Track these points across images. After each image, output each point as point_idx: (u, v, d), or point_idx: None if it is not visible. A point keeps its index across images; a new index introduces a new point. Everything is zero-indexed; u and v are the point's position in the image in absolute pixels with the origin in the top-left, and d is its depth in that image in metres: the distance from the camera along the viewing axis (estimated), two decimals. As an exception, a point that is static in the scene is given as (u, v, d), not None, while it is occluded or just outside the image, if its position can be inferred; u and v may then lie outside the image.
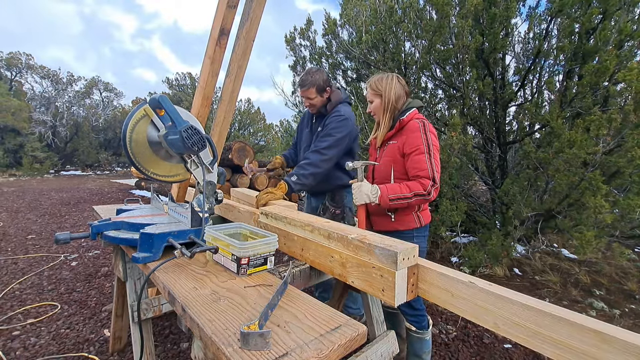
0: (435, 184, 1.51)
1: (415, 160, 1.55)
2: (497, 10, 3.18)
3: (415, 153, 1.55)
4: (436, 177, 1.52)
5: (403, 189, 1.53)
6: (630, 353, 0.64)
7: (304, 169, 1.91)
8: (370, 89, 1.73)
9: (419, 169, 1.53)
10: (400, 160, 1.63)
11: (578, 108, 2.99)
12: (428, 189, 1.50)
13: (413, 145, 1.56)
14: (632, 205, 2.45)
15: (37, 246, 4.01)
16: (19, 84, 17.76)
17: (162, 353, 2.00)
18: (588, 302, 2.76)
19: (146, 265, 1.18)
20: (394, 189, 1.54)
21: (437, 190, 1.53)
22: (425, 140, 1.55)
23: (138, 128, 1.35)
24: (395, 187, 1.55)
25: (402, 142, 1.62)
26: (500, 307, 0.83)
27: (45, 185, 10.22)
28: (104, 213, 1.89)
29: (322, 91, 2.04)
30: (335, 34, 4.55)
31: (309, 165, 1.91)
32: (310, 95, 2.03)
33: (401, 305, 1.69)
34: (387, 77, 1.69)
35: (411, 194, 1.51)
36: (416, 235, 1.67)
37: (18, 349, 1.99)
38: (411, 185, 1.53)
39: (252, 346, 0.68)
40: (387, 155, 1.69)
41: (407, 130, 1.61)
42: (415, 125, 1.59)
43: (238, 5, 1.65)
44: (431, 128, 1.60)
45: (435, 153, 1.56)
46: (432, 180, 1.51)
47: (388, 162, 1.67)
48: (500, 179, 3.82)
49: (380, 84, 1.69)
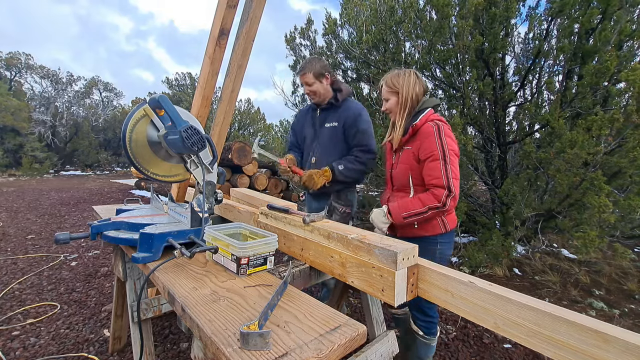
0: (452, 193, 1.42)
1: (429, 167, 1.47)
2: (497, 10, 3.18)
3: (430, 160, 1.46)
4: (452, 185, 1.42)
5: (416, 204, 1.46)
6: (630, 353, 0.64)
7: (352, 163, 1.93)
8: (386, 85, 1.62)
9: (433, 177, 1.45)
10: (417, 166, 1.54)
11: (578, 108, 2.99)
12: (443, 199, 1.42)
13: (427, 151, 1.47)
14: (633, 206, 2.45)
15: (37, 246, 4.00)
16: (18, 83, 17.77)
17: (161, 353, 1.99)
18: (588, 302, 2.76)
19: (146, 265, 1.18)
20: (406, 206, 1.48)
21: (455, 198, 1.44)
22: (440, 146, 1.45)
23: (138, 128, 1.35)
24: (407, 203, 1.49)
25: (417, 147, 1.53)
26: (500, 306, 0.83)
27: (45, 185, 10.22)
28: (104, 213, 1.89)
29: (320, 76, 2.01)
30: (336, 33, 4.55)
31: (358, 162, 1.94)
32: (308, 80, 2.01)
33: (412, 310, 1.65)
34: (404, 73, 1.59)
35: (425, 208, 1.44)
36: (440, 242, 1.58)
37: (18, 349, 1.99)
38: (424, 198, 1.46)
39: (252, 346, 0.68)
40: (403, 161, 1.61)
41: (421, 135, 1.52)
42: (429, 130, 1.48)
43: (238, 5, 1.64)
44: (447, 130, 1.50)
45: (452, 158, 1.45)
46: (447, 189, 1.42)
47: (405, 169, 1.59)
48: (500, 179, 3.82)
49: (397, 80, 1.58)
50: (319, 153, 2.09)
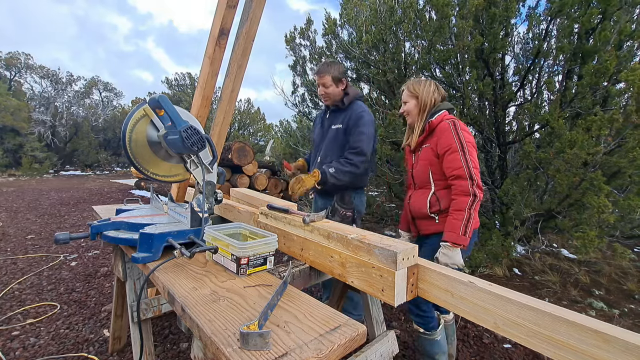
0: (474, 180, 1.47)
1: (449, 160, 1.53)
2: (496, 10, 3.18)
3: (449, 152, 1.53)
4: (473, 174, 1.47)
5: (457, 217, 1.47)
6: (630, 353, 0.64)
7: (343, 165, 1.92)
8: (407, 90, 1.74)
9: (454, 168, 1.51)
10: (437, 161, 1.61)
11: (578, 108, 2.99)
12: (469, 191, 1.46)
13: (445, 145, 1.55)
14: (632, 206, 2.45)
15: (37, 246, 4.00)
16: (18, 83, 17.75)
17: (161, 353, 1.99)
18: (587, 302, 2.76)
19: (146, 265, 1.18)
20: (453, 226, 1.47)
21: (480, 186, 1.49)
22: (457, 138, 1.52)
23: (138, 128, 1.35)
24: (451, 224, 1.48)
25: (435, 143, 1.61)
26: (500, 306, 0.83)
27: (45, 185, 10.21)
28: (104, 213, 1.89)
29: (337, 81, 2.06)
30: (335, 33, 4.55)
31: (349, 164, 1.93)
32: (325, 82, 2.05)
33: (409, 305, 1.68)
34: (425, 80, 1.72)
35: (464, 211, 1.45)
36: None
37: (17, 349, 1.99)
38: (457, 205, 1.48)
39: (252, 346, 0.68)
40: (422, 158, 1.68)
41: (438, 132, 1.60)
42: (445, 126, 1.57)
43: (238, 5, 1.64)
44: (462, 126, 1.58)
45: (471, 149, 1.52)
46: (469, 179, 1.47)
47: (425, 165, 1.66)
48: (500, 179, 3.82)
49: (418, 86, 1.70)
50: (323, 153, 2.14)
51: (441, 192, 1.63)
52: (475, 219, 1.48)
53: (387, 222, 5.14)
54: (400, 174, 3.73)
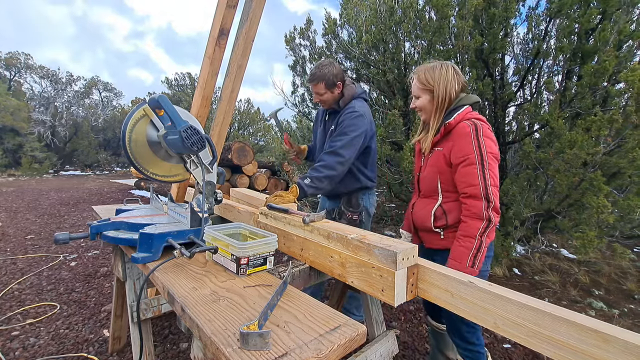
0: (490, 203, 1.21)
1: (463, 173, 1.26)
2: (496, 10, 3.18)
3: (464, 164, 1.26)
4: (490, 194, 1.21)
5: (465, 244, 1.23)
6: (630, 353, 0.64)
7: (318, 171, 1.77)
8: (419, 81, 1.40)
9: (468, 184, 1.24)
10: (448, 170, 1.34)
11: (577, 108, 2.99)
12: (484, 215, 1.20)
13: (461, 154, 1.27)
14: (632, 206, 2.45)
15: (36, 246, 4.00)
16: (17, 83, 17.74)
17: (161, 353, 1.99)
18: (587, 302, 2.76)
19: (145, 265, 1.18)
20: (460, 255, 1.23)
21: (497, 209, 1.23)
22: (477, 148, 1.24)
23: (137, 128, 1.35)
24: (458, 251, 1.25)
25: (449, 149, 1.32)
26: (500, 306, 0.83)
27: (45, 185, 10.21)
28: (103, 213, 1.89)
29: (332, 86, 1.92)
30: (335, 33, 4.55)
31: (323, 168, 1.77)
32: (319, 90, 1.93)
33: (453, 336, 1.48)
34: (440, 66, 1.37)
35: (474, 238, 1.21)
36: None
37: (17, 349, 1.99)
38: (466, 230, 1.24)
39: (252, 346, 0.68)
40: (431, 164, 1.41)
41: (455, 135, 1.31)
42: (465, 129, 1.27)
43: (237, 5, 1.64)
44: (486, 130, 1.28)
45: (491, 162, 1.24)
46: (485, 200, 1.21)
47: (433, 172, 1.40)
48: (500, 179, 3.82)
49: (432, 75, 1.36)
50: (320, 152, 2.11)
51: (449, 204, 1.36)
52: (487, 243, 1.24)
53: (387, 222, 5.14)
54: (400, 174, 3.73)
